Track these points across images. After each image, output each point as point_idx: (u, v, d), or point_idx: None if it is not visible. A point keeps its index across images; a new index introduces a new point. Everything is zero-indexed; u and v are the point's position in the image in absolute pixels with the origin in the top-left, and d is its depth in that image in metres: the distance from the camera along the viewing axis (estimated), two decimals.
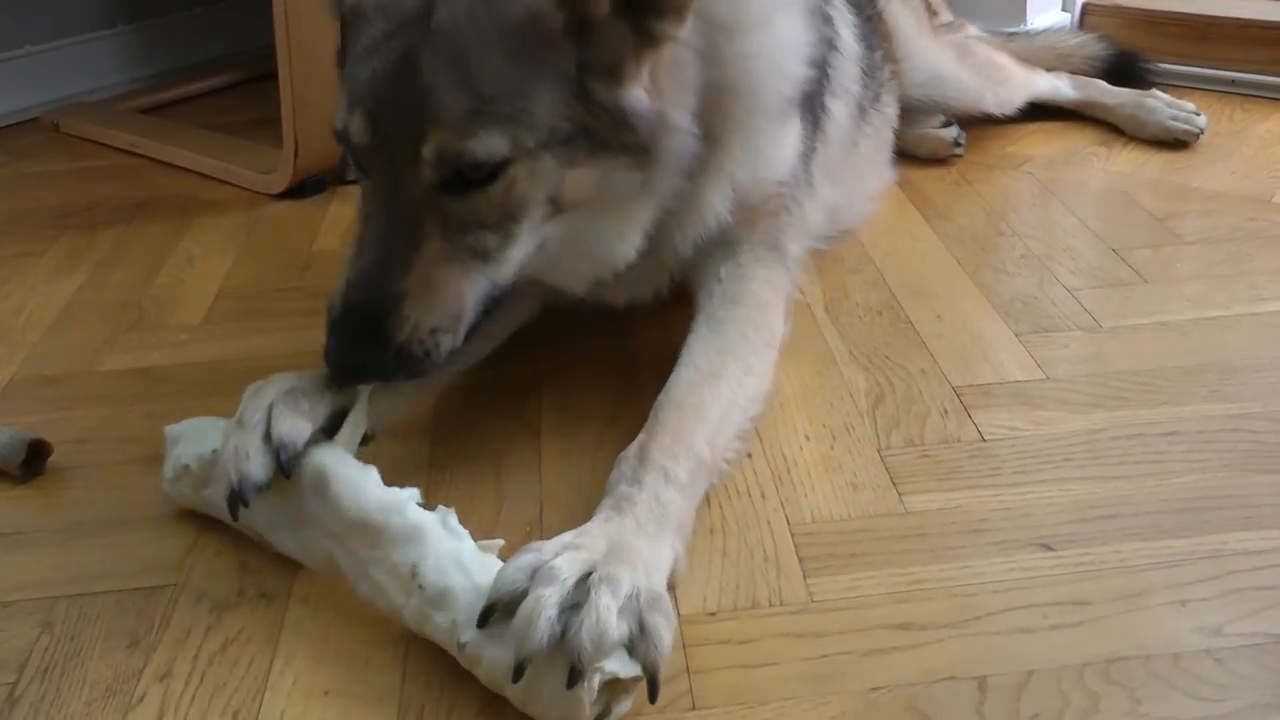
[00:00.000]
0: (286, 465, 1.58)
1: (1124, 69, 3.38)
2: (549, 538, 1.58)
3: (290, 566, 1.65)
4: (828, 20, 2.21)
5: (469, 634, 1.38)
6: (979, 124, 3.10)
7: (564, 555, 1.40)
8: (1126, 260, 2.44)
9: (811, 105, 2.08)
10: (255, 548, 1.68)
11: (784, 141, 2.02)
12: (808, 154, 2.10)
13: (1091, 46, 3.41)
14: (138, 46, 4.02)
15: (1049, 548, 1.62)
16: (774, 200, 2.02)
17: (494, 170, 1.61)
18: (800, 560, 1.63)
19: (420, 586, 1.43)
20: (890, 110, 2.79)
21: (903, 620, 1.51)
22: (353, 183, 2.98)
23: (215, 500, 1.66)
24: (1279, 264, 2.40)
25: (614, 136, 1.69)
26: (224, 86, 3.98)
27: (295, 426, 1.62)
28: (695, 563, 1.62)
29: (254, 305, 2.46)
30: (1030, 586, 1.55)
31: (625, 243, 1.84)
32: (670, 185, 1.82)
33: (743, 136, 1.92)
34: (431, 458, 1.88)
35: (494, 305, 1.73)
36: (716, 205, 1.93)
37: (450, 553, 1.45)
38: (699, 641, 1.49)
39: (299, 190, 3.01)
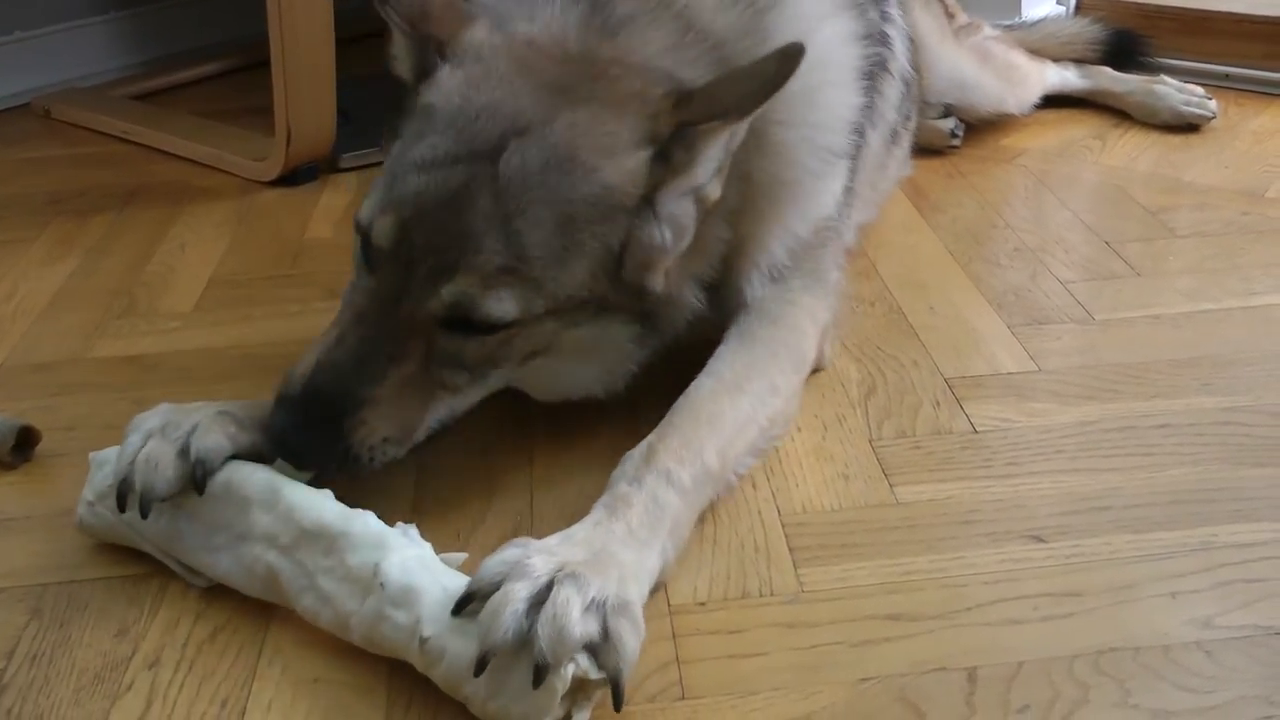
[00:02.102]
0: (200, 481, 1.57)
1: (1124, 47, 3.38)
2: (539, 531, 1.59)
3: None
4: (885, 41, 2.19)
5: (432, 628, 1.37)
6: (981, 119, 3.10)
7: (540, 556, 1.39)
8: (1119, 253, 2.44)
9: (858, 139, 2.06)
10: None
11: (831, 186, 1.99)
12: (850, 184, 2.08)
13: (1091, 30, 3.41)
14: (130, 33, 4.01)
15: (1040, 539, 1.62)
16: (822, 233, 2.01)
17: (497, 328, 1.62)
18: (791, 550, 1.63)
19: (382, 584, 1.41)
20: (913, 122, 2.78)
21: (893, 611, 1.51)
22: (345, 170, 3.00)
23: (136, 523, 1.62)
24: (1271, 258, 2.40)
25: (622, 304, 1.71)
26: (217, 73, 3.96)
27: (216, 444, 1.60)
28: (686, 553, 1.62)
29: (245, 293, 2.45)
30: (1021, 578, 1.56)
31: (601, 385, 1.84)
32: (660, 343, 1.82)
33: (790, 195, 1.90)
34: (421, 450, 1.87)
35: (443, 429, 1.74)
36: (775, 256, 1.93)
37: (415, 556, 1.45)
38: (689, 631, 1.49)
39: (291, 178, 3.01)
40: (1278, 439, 1.82)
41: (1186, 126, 3.13)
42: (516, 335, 1.65)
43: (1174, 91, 3.18)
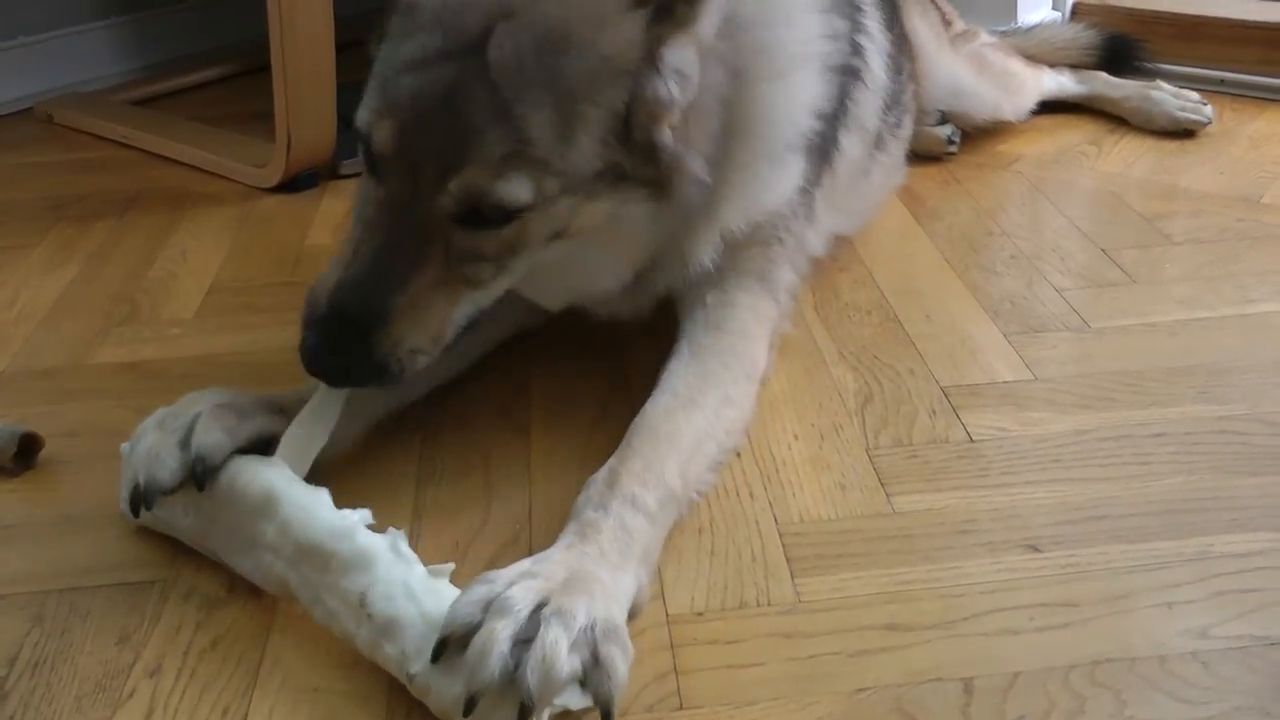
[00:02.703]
0: (200, 478, 1.59)
1: (1119, 52, 3.39)
2: (537, 539, 1.60)
3: None
4: (858, 51, 2.19)
5: (418, 665, 1.37)
6: (977, 126, 3.11)
7: (519, 585, 1.39)
8: (1115, 261, 2.45)
9: (821, 145, 2.06)
10: None
11: (781, 181, 1.98)
12: (810, 187, 2.08)
13: (1086, 36, 3.42)
14: (132, 38, 4.02)
15: (1036, 549, 1.63)
16: (764, 231, 1.99)
17: (511, 214, 1.61)
18: (788, 560, 1.63)
19: (369, 615, 1.42)
20: (907, 129, 2.78)
21: (890, 621, 1.52)
22: (346, 177, 3.00)
23: (170, 520, 1.65)
24: (1267, 264, 2.41)
25: (637, 170, 1.69)
26: (218, 79, 3.98)
27: (216, 441, 1.62)
28: (683, 563, 1.63)
29: (246, 299, 2.46)
30: (1017, 588, 1.56)
31: (613, 274, 1.85)
32: (673, 222, 1.81)
33: (737, 180, 1.90)
34: (420, 456, 1.88)
35: (472, 325, 1.74)
36: (701, 249, 1.91)
37: (399, 580, 1.44)
38: (686, 641, 1.50)
39: (292, 184, 3.02)
40: (1274, 448, 1.83)
41: (1182, 132, 3.14)
42: (534, 218, 1.64)
43: (1170, 97, 3.19)
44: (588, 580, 1.42)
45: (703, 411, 1.76)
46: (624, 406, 1.83)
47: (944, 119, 3.03)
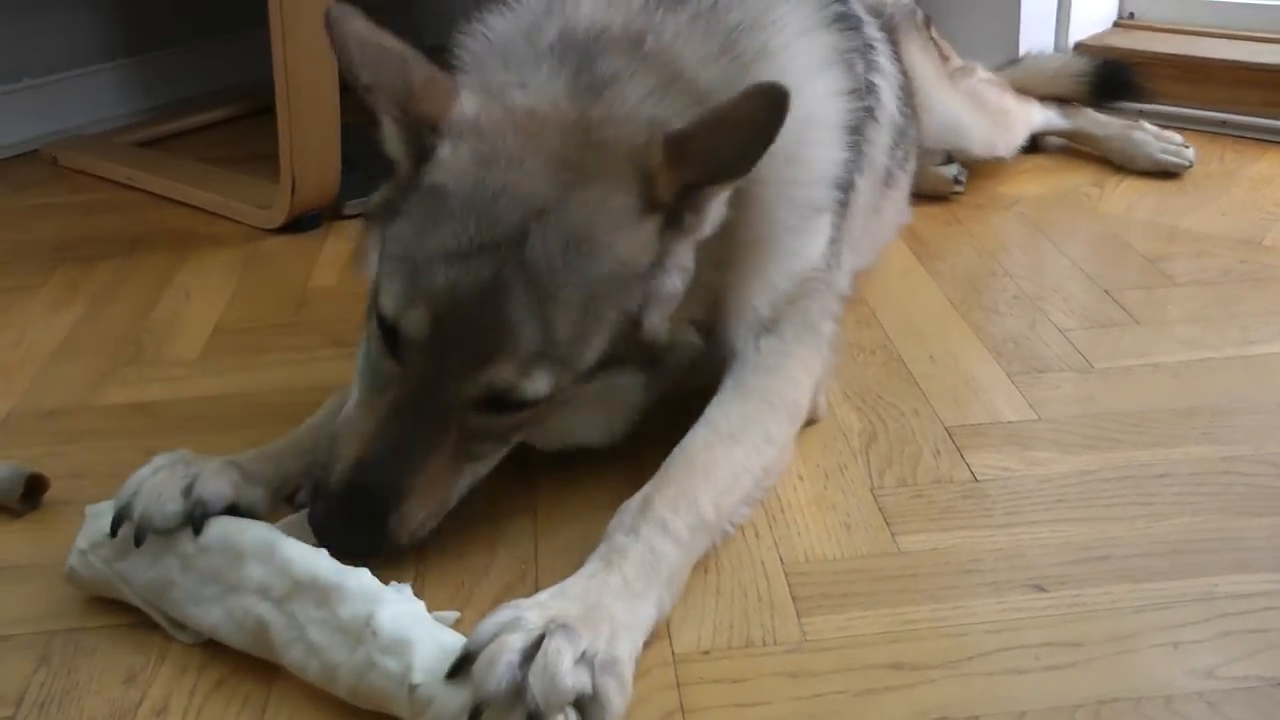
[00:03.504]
0: (197, 522, 1.60)
1: (1111, 80, 3.40)
2: (544, 578, 1.60)
3: None
4: (872, 89, 2.21)
5: (422, 676, 1.37)
6: (972, 163, 3.11)
7: (535, 610, 1.41)
8: (1118, 301, 2.46)
9: (841, 194, 2.06)
10: None
11: (814, 240, 2.00)
12: (836, 236, 2.09)
13: (1075, 64, 3.43)
14: (137, 80, 4.04)
15: (1041, 588, 1.63)
16: (807, 284, 2.00)
17: (529, 405, 1.65)
18: (794, 599, 1.63)
19: (374, 633, 1.42)
20: (913, 165, 2.79)
21: (895, 660, 1.51)
22: (350, 217, 3.01)
23: (127, 572, 1.63)
24: (1270, 306, 2.41)
25: (632, 355, 1.73)
26: (222, 120, 4.00)
27: (219, 490, 1.64)
28: (689, 601, 1.63)
29: (250, 340, 2.46)
30: (1022, 627, 1.56)
31: (609, 431, 1.86)
32: (666, 383, 1.84)
33: (770, 264, 1.92)
34: None
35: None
36: (739, 334, 1.93)
37: (408, 611, 1.46)
38: (693, 680, 1.50)
39: (296, 225, 3.03)
40: (1278, 489, 1.83)
41: (1163, 174, 3.15)
42: (542, 408, 1.68)
43: (1152, 139, 3.21)
44: (599, 616, 1.43)
45: (742, 447, 1.78)
46: (632, 446, 1.83)
47: (949, 158, 3.04)
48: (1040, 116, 3.28)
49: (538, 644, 1.35)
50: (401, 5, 4.03)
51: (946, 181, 3.04)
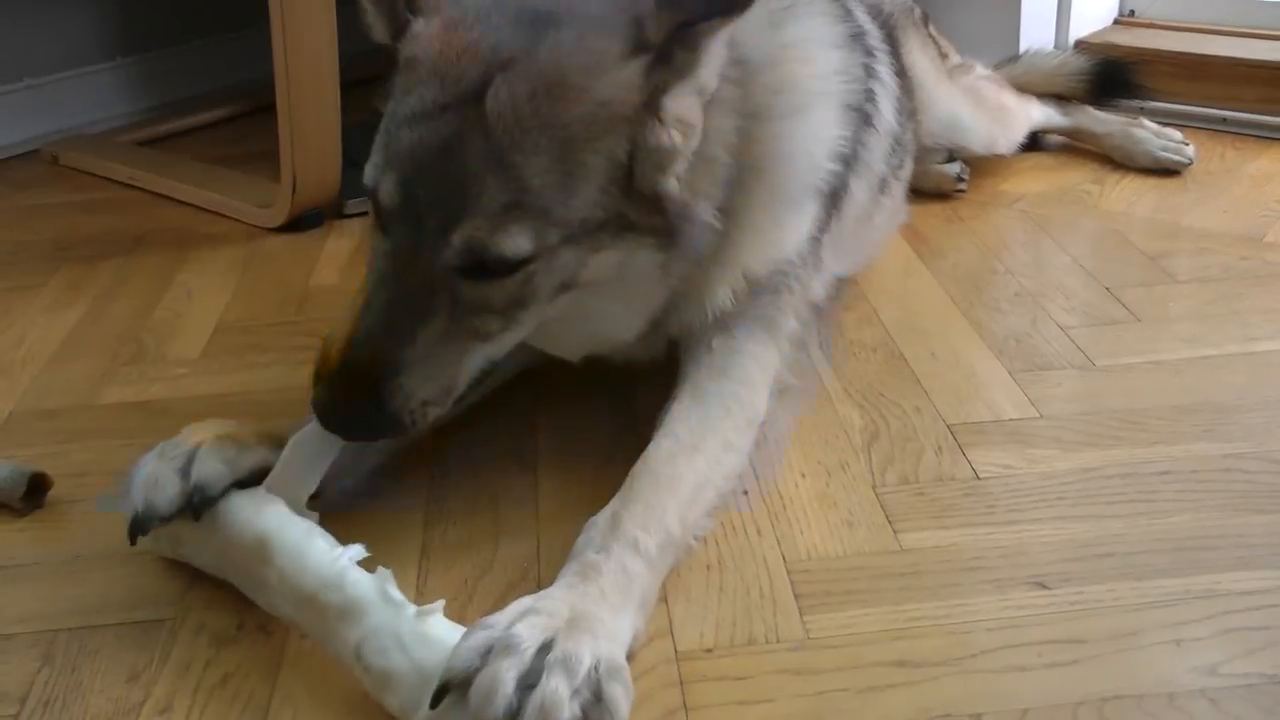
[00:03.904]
0: (197, 507, 1.61)
1: (1110, 78, 3.39)
2: (546, 575, 1.60)
3: None
4: (870, 97, 2.21)
5: (418, 717, 1.37)
6: (973, 161, 3.11)
7: (524, 622, 1.39)
8: (1119, 299, 2.46)
9: (833, 190, 2.07)
10: None
11: (797, 226, 2.00)
12: (819, 234, 2.08)
13: (1074, 62, 3.41)
14: (137, 79, 4.04)
15: (1043, 586, 1.63)
16: (776, 278, 2.00)
17: (514, 266, 1.61)
18: (796, 597, 1.63)
19: (366, 669, 1.42)
20: (908, 170, 2.79)
21: (898, 658, 1.52)
22: (351, 216, 3.02)
23: (191, 556, 1.68)
24: (1271, 303, 2.41)
25: (643, 220, 1.69)
26: (223, 120, 4.00)
27: (215, 471, 1.64)
28: (691, 599, 1.63)
29: (251, 339, 2.47)
30: (1025, 625, 1.56)
31: (628, 324, 1.86)
32: (685, 269, 1.82)
33: (759, 223, 1.91)
34: (429, 495, 1.89)
35: (485, 376, 1.74)
36: (720, 294, 1.92)
37: (390, 630, 1.43)
38: (695, 678, 1.50)
39: (297, 224, 3.03)
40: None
41: (1164, 171, 3.16)
42: (538, 270, 1.63)
43: (1152, 136, 3.21)
44: (590, 619, 1.42)
45: (704, 457, 1.76)
46: (631, 446, 1.82)
47: (951, 156, 3.04)
48: (1040, 114, 3.28)
49: (533, 670, 1.34)
50: None
51: (950, 180, 3.04)
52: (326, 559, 1.52)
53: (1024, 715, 1.42)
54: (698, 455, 1.76)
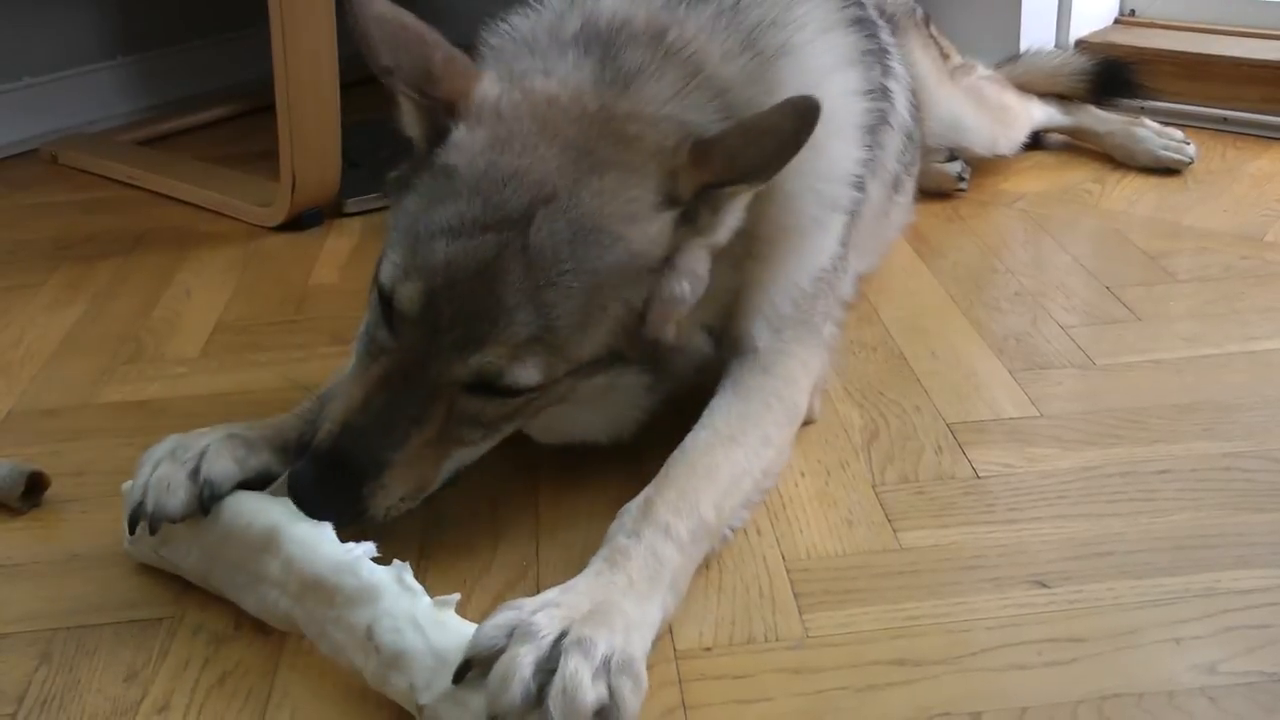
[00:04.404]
0: (206, 504, 1.62)
1: (1110, 77, 3.38)
2: (545, 576, 1.60)
3: None
4: (886, 94, 2.20)
5: (427, 696, 1.37)
6: (974, 160, 3.11)
7: (543, 612, 1.39)
8: (1120, 298, 2.45)
9: (857, 195, 2.06)
10: None
11: (829, 239, 2.00)
12: (846, 238, 2.09)
13: (1075, 62, 3.41)
14: (137, 78, 4.04)
15: (1043, 584, 1.63)
16: (817, 284, 2.01)
17: (519, 392, 1.63)
18: (796, 596, 1.63)
19: (376, 648, 1.41)
20: (917, 167, 2.79)
21: (898, 656, 1.51)
22: (350, 215, 3.02)
23: (173, 557, 1.67)
24: (1271, 302, 2.41)
25: (635, 354, 1.72)
26: (223, 119, 4.00)
27: (225, 470, 1.65)
28: (691, 598, 1.62)
29: (251, 338, 2.47)
30: (1024, 623, 1.56)
31: (608, 432, 1.87)
32: (669, 388, 1.83)
33: (792, 257, 1.91)
34: (428, 499, 1.88)
35: (455, 478, 1.75)
36: (758, 329, 1.93)
37: (405, 612, 1.43)
38: (695, 677, 1.50)
39: (296, 223, 3.03)
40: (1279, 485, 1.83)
41: (1165, 171, 3.16)
42: (534, 399, 1.67)
43: (1153, 135, 3.21)
44: (610, 612, 1.42)
45: (742, 449, 1.77)
46: (632, 448, 1.83)
47: (953, 156, 3.04)
48: (1041, 113, 3.28)
49: (550, 655, 1.34)
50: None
51: (950, 179, 3.03)
52: (340, 548, 1.52)
53: (1023, 714, 1.41)
54: (736, 447, 1.76)
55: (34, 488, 1.90)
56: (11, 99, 3.77)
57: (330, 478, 1.61)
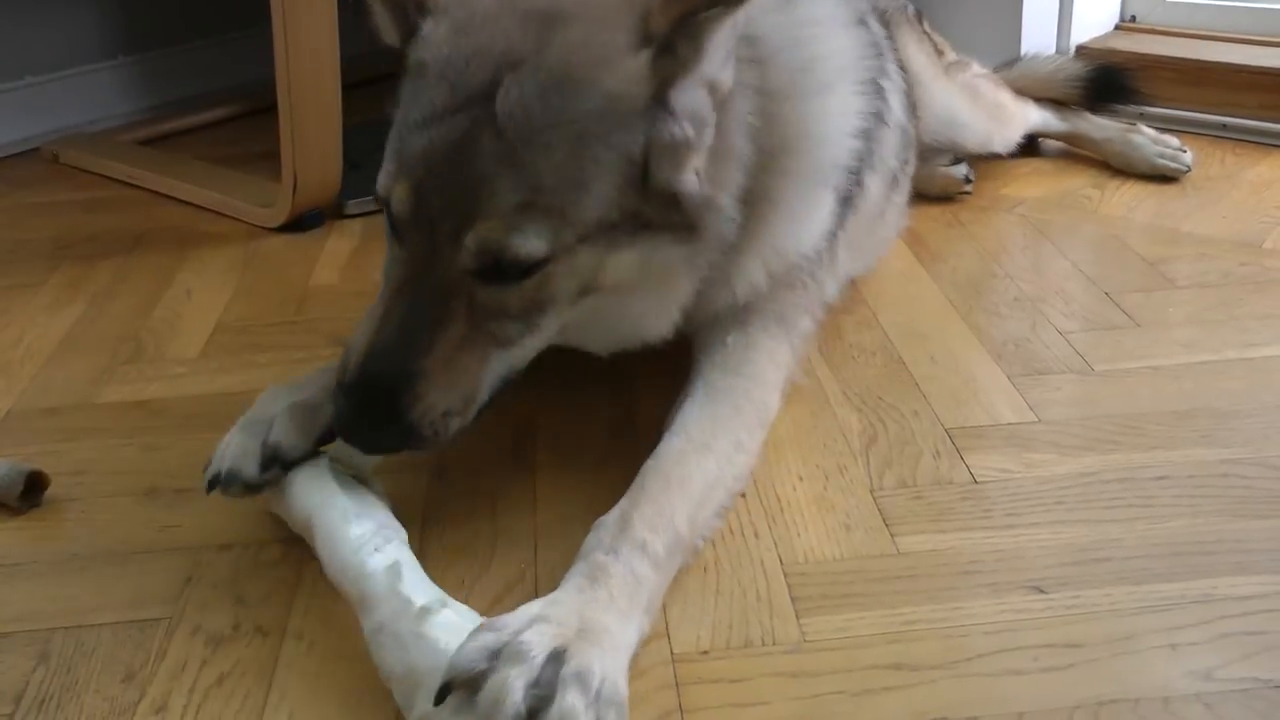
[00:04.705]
0: (272, 473, 1.69)
1: (1107, 85, 3.38)
2: (543, 578, 1.60)
3: (285, 601, 1.66)
4: (879, 92, 2.19)
5: (411, 716, 1.38)
6: (972, 162, 3.12)
7: (532, 630, 1.38)
8: (1118, 304, 2.46)
9: (848, 186, 2.07)
10: (251, 582, 1.70)
11: (817, 215, 1.99)
12: (835, 229, 2.08)
13: (1069, 68, 3.41)
14: (139, 78, 4.04)
15: (1040, 590, 1.63)
16: (794, 273, 2.00)
17: (530, 267, 1.60)
18: (793, 600, 1.63)
19: (377, 663, 1.43)
20: (913, 167, 2.77)
21: (894, 661, 1.52)
22: (351, 216, 3.02)
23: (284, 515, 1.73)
24: (1270, 309, 2.41)
25: (661, 217, 1.67)
26: (224, 119, 4.00)
27: (291, 440, 1.70)
28: (688, 601, 1.63)
29: (251, 339, 2.47)
30: (1021, 628, 1.56)
31: (658, 322, 1.85)
32: (711, 258, 1.81)
33: (785, 205, 1.90)
34: (427, 495, 1.89)
35: (508, 386, 1.72)
36: (753, 276, 1.93)
37: (391, 627, 1.43)
38: (692, 680, 1.50)
39: (297, 224, 3.03)
40: (1277, 491, 1.83)
41: (1161, 178, 3.16)
42: (555, 271, 1.62)
43: (1149, 142, 3.21)
44: (599, 631, 1.41)
45: (714, 456, 1.76)
46: (630, 448, 1.83)
47: (956, 159, 3.04)
48: (1037, 116, 3.27)
49: (541, 672, 1.33)
50: None
51: (956, 182, 3.04)
52: (352, 547, 1.54)
53: (1020, 719, 1.42)
54: (708, 455, 1.75)
55: (33, 487, 1.90)
56: (13, 98, 3.77)
57: (366, 404, 1.60)
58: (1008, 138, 3.16)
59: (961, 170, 3.04)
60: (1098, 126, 3.30)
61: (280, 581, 1.70)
